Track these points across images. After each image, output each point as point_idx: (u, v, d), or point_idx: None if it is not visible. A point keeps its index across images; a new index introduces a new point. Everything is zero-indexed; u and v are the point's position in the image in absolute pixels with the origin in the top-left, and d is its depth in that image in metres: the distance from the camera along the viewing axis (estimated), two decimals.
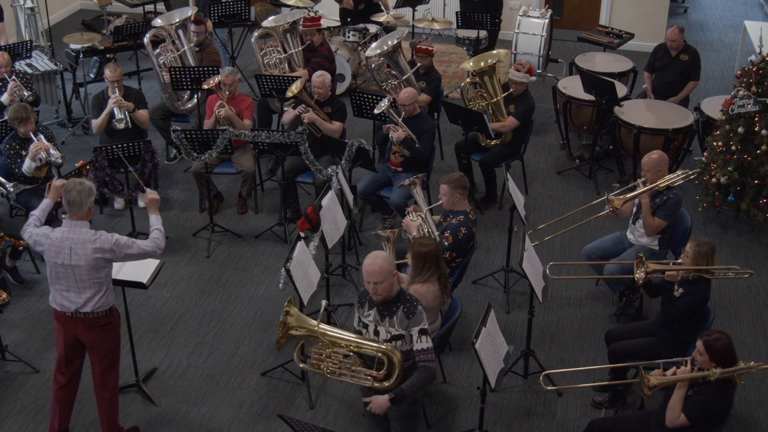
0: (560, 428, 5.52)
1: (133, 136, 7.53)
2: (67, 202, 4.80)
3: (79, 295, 4.85)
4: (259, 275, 6.95)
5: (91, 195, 4.84)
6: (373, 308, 4.48)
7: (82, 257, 4.76)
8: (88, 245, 4.76)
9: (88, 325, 4.92)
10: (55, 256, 4.80)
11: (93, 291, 4.85)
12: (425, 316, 4.44)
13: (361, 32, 9.97)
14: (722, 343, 4.45)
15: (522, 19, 10.17)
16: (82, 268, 4.78)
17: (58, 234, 4.81)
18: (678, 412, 4.50)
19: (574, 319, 6.49)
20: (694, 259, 5.12)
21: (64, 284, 4.84)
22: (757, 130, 7.06)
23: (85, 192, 4.80)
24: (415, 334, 4.36)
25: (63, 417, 5.21)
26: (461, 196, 5.87)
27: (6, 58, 7.78)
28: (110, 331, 5.02)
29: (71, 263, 4.78)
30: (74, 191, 4.78)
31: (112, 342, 5.08)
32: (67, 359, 5.08)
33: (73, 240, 4.77)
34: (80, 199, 4.78)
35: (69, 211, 4.83)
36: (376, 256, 4.40)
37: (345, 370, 4.44)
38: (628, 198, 6.09)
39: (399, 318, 4.38)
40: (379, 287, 4.35)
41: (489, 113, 7.63)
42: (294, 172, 7.43)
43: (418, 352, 4.37)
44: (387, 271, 4.33)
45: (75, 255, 4.77)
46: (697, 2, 13.71)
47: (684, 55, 8.43)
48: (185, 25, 8.50)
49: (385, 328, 4.43)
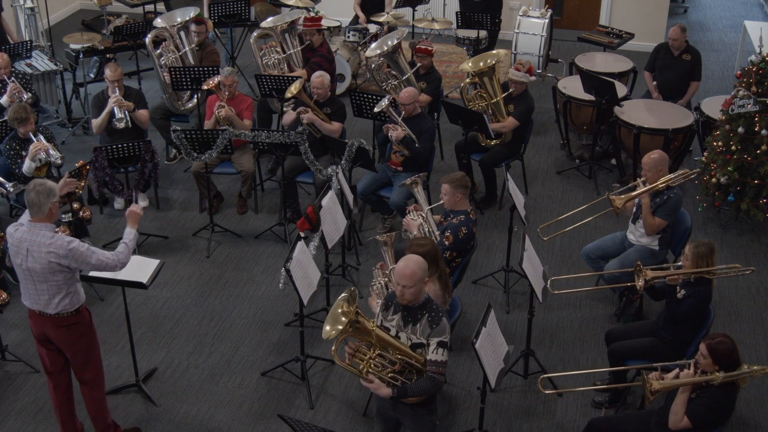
0: (560, 428, 5.52)
1: (133, 136, 7.54)
2: (28, 202, 4.65)
3: (39, 297, 4.75)
4: (259, 275, 6.96)
5: (51, 196, 4.63)
6: (398, 313, 4.41)
7: (37, 260, 4.63)
8: (43, 248, 4.61)
9: (55, 324, 4.82)
10: (15, 256, 4.71)
11: (52, 293, 4.73)
12: (448, 330, 4.38)
13: (361, 32, 9.98)
14: (725, 347, 4.44)
15: (522, 19, 10.17)
16: (38, 271, 4.66)
17: (19, 234, 4.68)
18: (681, 416, 4.50)
19: (574, 319, 6.49)
20: (694, 261, 5.12)
21: (25, 284, 4.78)
22: (757, 130, 7.06)
23: (44, 193, 4.60)
24: (433, 344, 4.30)
25: (66, 420, 5.19)
26: (462, 195, 5.87)
27: (5, 59, 7.77)
28: (78, 331, 4.89)
29: (27, 265, 4.67)
30: (33, 192, 4.60)
31: (83, 340, 4.94)
32: (49, 358, 4.98)
33: (31, 242, 4.63)
34: (39, 200, 4.60)
35: (30, 212, 4.67)
36: (411, 259, 4.33)
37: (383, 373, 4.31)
38: (628, 198, 6.09)
39: (422, 326, 4.33)
40: (406, 291, 4.28)
41: (489, 113, 7.63)
42: (294, 172, 7.43)
43: (432, 362, 4.31)
44: (418, 277, 4.27)
45: (31, 257, 4.64)
46: (697, 2, 13.71)
47: (686, 55, 8.43)
48: (187, 26, 8.50)
49: (407, 335, 4.37)
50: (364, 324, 4.17)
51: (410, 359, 4.30)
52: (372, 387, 4.30)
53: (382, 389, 4.30)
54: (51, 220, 4.70)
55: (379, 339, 4.23)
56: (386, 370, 4.31)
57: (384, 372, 4.31)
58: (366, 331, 4.19)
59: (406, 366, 4.32)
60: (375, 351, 4.27)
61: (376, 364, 4.29)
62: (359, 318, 4.14)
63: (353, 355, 4.32)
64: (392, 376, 4.31)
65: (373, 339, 4.22)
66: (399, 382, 4.32)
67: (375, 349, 4.26)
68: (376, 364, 4.29)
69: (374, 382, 4.29)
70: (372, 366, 4.29)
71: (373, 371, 4.29)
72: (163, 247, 7.25)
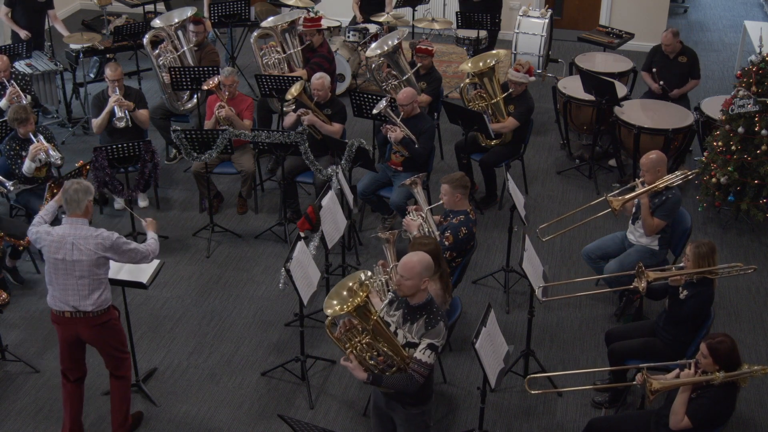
0: (560, 428, 5.52)
1: (133, 136, 7.54)
2: (66, 200, 4.88)
3: (79, 291, 4.87)
4: (259, 275, 6.96)
5: (88, 194, 4.89)
6: (400, 310, 4.43)
7: (84, 252, 4.81)
8: (91, 240, 4.82)
9: (89, 324, 4.95)
10: (55, 252, 4.83)
11: (92, 287, 4.88)
12: (444, 335, 4.37)
13: (361, 32, 9.98)
14: (726, 347, 4.44)
15: (522, 19, 10.17)
16: (84, 263, 4.82)
17: (60, 231, 4.85)
18: (681, 415, 4.50)
19: (574, 319, 6.49)
20: (695, 261, 5.12)
21: (62, 282, 4.86)
22: (757, 130, 7.06)
23: (82, 190, 4.86)
24: (423, 344, 4.30)
25: (75, 418, 5.23)
26: (462, 195, 5.87)
27: (5, 61, 7.76)
28: (111, 328, 5.06)
29: (72, 258, 4.81)
30: (71, 189, 4.86)
31: (116, 338, 5.12)
32: (71, 359, 5.11)
33: (75, 236, 4.82)
34: (77, 196, 4.85)
35: (68, 209, 4.88)
36: (417, 254, 4.37)
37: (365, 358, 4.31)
38: (627, 198, 6.09)
39: (418, 326, 4.33)
40: (403, 282, 4.30)
41: (489, 114, 7.63)
42: (294, 172, 7.44)
43: (416, 361, 4.30)
44: (416, 271, 4.29)
45: (77, 250, 4.81)
46: (697, 2, 13.71)
47: (682, 57, 8.42)
48: (184, 26, 8.50)
49: (404, 333, 4.38)
50: (368, 311, 4.18)
51: (396, 356, 4.31)
52: (350, 366, 4.31)
53: (359, 371, 4.30)
54: (87, 216, 4.93)
55: (376, 328, 4.25)
56: (367, 356, 4.31)
57: (365, 357, 4.31)
58: (367, 318, 4.20)
59: (389, 361, 4.32)
60: (366, 337, 4.27)
61: (362, 349, 4.30)
62: (368, 304, 4.15)
63: (346, 331, 4.30)
64: (372, 364, 4.31)
65: (369, 326, 4.23)
66: (377, 371, 4.32)
67: (367, 335, 4.27)
68: (362, 349, 4.30)
69: (353, 362, 4.30)
70: (357, 349, 4.30)
71: (356, 354, 4.30)
72: (163, 247, 7.21)
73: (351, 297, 4.14)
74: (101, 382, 5.65)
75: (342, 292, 4.19)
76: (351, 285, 4.20)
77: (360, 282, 4.21)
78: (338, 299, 4.16)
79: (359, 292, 4.15)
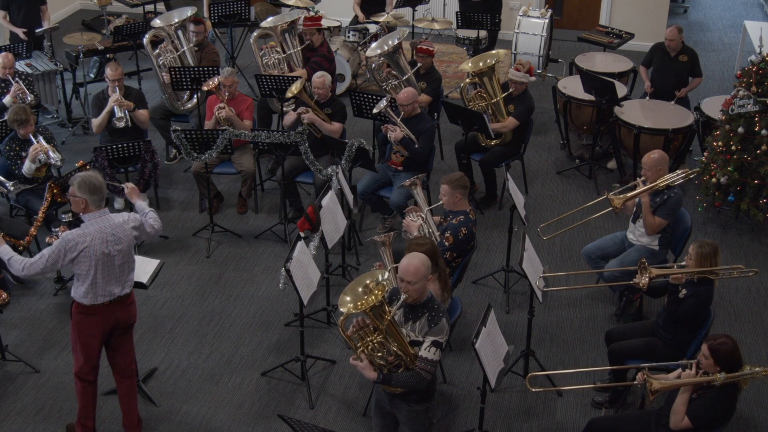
0: (560, 428, 5.52)
1: (133, 135, 7.53)
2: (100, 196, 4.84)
3: (121, 277, 4.97)
4: (259, 275, 6.96)
5: (105, 186, 4.96)
6: (400, 309, 4.42)
7: (123, 239, 4.90)
8: (125, 225, 4.93)
9: (123, 304, 5.04)
10: (103, 246, 4.82)
11: (128, 269, 5.02)
12: (447, 331, 4.39)
13: (361, 32, 9.98)
14: (727, 348, 4.44)
15: (522, 19, 10.16)
16: (123, 250, 4.91)
17: (93, 227, 4.82)
18: (682, 416, 4.50)
19: (574, 319, 6.49)
20: (698, 261, 5.11)
21: (105, 275, 4.88)
22: (757, 130, 7.06)
23: (102, 183, 4.89)
24: (427, 342, 4.31)
25: (94, 417, 5.27)
26: (462, 196, 5.87)
27: (11, 59, 7.77)
28: (135, 306, 5.22)
29: (116, 249, 4.87)
30: (100, 183, 4.85)
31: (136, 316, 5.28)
32: (99, 354, 5.14)
33: (111, 226, 4.87)
34: (103, 189, 4.89)
35: (98, 202, 4.85)
36: (415, 256, 4.35)
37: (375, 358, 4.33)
38: (628, 197, 6.09)
39: (421, 324, 4.34)
40: (410, 287, 4.29)
41: (489, 113, 7.63)
42: (294, 172, 7.43)
43: (422, 359, 4.31)
44: (422, 273, 4.29)
45: (117, 239, 4.87)
46: (697, 2, 13.72)
47: (683, 56, 8.42)
48: (184, 26, 8.50)
49: (406, 331, 4.39)
50: (384, 311, 4.18)
51: (405, 356, 4.31)
52: (359, 366, 4.33)
53: (368, 371, 4.31)
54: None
55: (389, 329, 4.24)
56: (378, 356, 4.31)
57: (375, 356, 4.32)
58: (381, 318, 4.19)
59: (399, 360, 4.33)
60: (378, 336, 4.26)
61: (374, 348, 4.30)
62: (383, 305, 4.15)
63: (359, 329, 4.30)
64: (381, 363, 4.32)
65: (382, 326, 4.22)
66: (386, 370, 4.34)
67: (380, 334, 4.26)
68: (374, 348, 4.30)
69: (363, 361, 4.31)
70: (368, 348, 4.31)
71: (367, 353, 4.31)
72: (163, 247, 7.25)
73: (366, 295, 4.13)
74: (101, 382, 5.63)
75: (357, 288, 4.18)
76: (368, 283, 4.19)
77: (377, 281, 4.19)
78: (353, 296, 4.15)
79: (375, 291, 4.14)
